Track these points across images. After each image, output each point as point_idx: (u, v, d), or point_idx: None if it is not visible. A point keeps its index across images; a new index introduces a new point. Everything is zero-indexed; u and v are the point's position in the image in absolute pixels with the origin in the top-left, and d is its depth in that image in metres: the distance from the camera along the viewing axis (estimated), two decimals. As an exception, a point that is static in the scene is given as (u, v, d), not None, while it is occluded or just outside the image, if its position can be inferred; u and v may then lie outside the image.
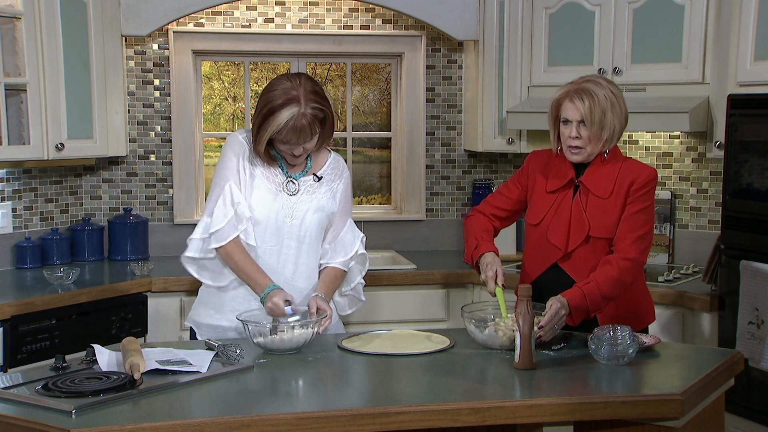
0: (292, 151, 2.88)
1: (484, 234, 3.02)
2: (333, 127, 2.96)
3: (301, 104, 2.80)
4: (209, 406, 2.27)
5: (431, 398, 2.30)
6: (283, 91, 2.81)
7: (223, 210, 2.89)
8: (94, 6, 4.14)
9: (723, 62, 3.76)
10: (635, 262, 2.85)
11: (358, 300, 3.18)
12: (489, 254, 2.94)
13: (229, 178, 2.91)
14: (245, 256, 2.90)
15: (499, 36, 4.46)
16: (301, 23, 4.67)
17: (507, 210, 3.10)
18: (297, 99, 2.80)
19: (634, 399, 2.31)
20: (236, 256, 2.89)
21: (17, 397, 2.28)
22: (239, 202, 2.89)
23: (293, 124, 2.80)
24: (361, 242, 3.11)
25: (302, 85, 2.83)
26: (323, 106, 2.86)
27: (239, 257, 2.89)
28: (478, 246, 2.98)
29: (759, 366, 3.34)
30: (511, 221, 3.17)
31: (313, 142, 2.89)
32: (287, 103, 2.80)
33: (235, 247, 2.89)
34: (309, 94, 2.82)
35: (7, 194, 4.21)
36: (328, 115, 2.89)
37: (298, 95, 2.80)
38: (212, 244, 2.90)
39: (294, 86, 2.82)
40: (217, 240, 2.89)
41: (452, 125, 4.86)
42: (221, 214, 2.89)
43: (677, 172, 4.39)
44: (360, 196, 4.96)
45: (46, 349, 3.58)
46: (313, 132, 2.85)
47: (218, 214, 2.89)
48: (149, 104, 4.60)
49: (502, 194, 3.12)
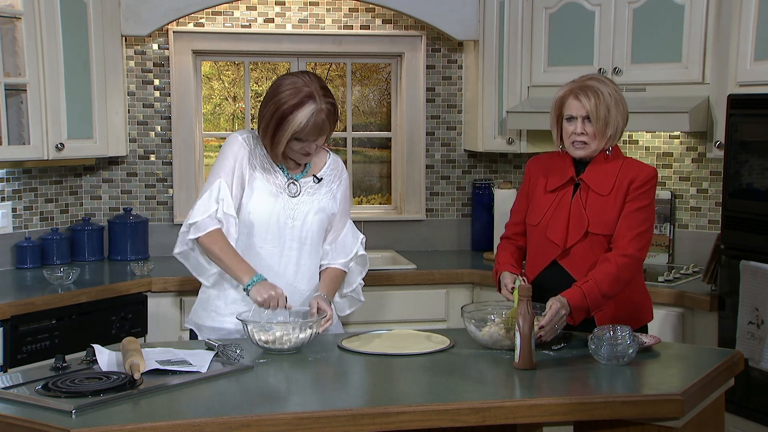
0: (308, 149, 2.87)
1: (502, 257, 3.07)
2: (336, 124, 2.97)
3: (317, 100, 2.80)
4: (209, 406, 2.26)
5: (431, 398, 2.30)
6: (296, 90, 2.80)
7: (206, 203, 2.88)
8: (94, 6, 4.14)
9: (723, 62, 3.76)
10: (633, 258, 2.85)
11: (357, 301, 3.18)
12: (505, 273, 3.00)
13: (220, 175, 2.91)
14: (226, 246, 2.87)
15: (499, 36, 4.46)
16: (301, 23, 4.67)
17: (524, 223, 3.11)
18: (312, 95, 2.80)
19: (634, 399, 2.31)
20: (216, 246, 2.85)
21: (17, 397, 2.28)
22: (224, 199, 2.88)
23: (314, 121, 2.79)
24: (361, 243, 3.11)
25: (312, 81, 2.84)
26: (334, 101, 2.88)
27: (220, 247, 2.86)
28: (497, 270, 3.05)
29: (759, 366, 3.34)
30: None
31: (321, 140, 2.90)
32: (305, 101, 2.79)
33: (215, 237, 2.86)
34: (321, 89, 2.84)
35: (7, 194, 4.21)
36: (337, 110, 2.90)
37: (313, 91, 2.80)
38: (190, 235, 2.89)
39: (305, 83, 2.82)
40: (196, 231, 2.87)
41: (452, 125, 4.86)
42: (203, 207, 2.88)
43: (677, 172, 4.39)
44: (360, 196, 4.96)
45: (46, 349, 3.58)
46: (328, 127, 2.86)
47: (200, 207, 2.89)
48: (149, 104, 4.60)
49: (515, 211, 3.14)
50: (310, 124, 2.79)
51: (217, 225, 2.88)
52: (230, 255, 2.86)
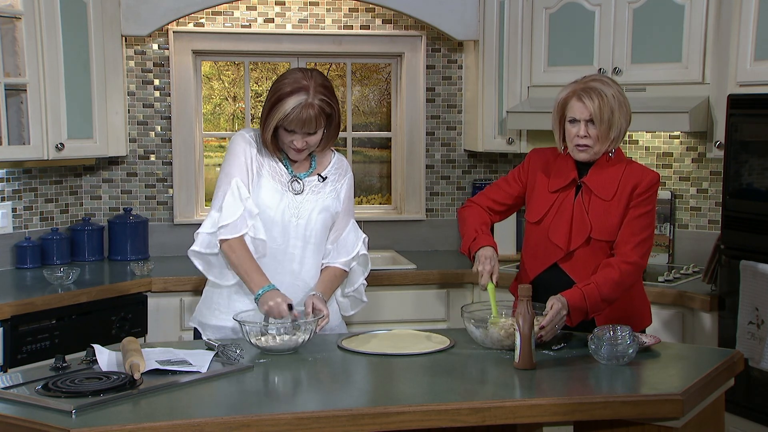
0: (295, 143, 2.88)
1: (482, 226, 3.01)
2: (339, 127, 2.97)
3: (309, 94, 2.83)
4: (209, 406, 2.27)
5: (431, 398, 2.30)
6: (294, 80, 2.86)
7: (234, 204, 2.89)
8: (94, 6, 4.14)
9: (723, 62, 3.76)
10: (636, 266, 2.85)
11: (360, 301, 3.18)
12: (488, 248, 2.93)
13: (235, 174, 2.92)
14: (247, 253, 2.89)
15: (499, 36, 4.46)
16: (301, 23, 4.67)
17: (504, 204, 3.09)
18: (306, 89, 2.83)
19: (634, 399, 2.31)
20: (238, 252, 2.88)
21: (17, 397, 2.28)
22: (247, 197, 2.90)
23: (299, 113, 2.82)
24: (363, 243, 3.11)
25: (313, 78, 2.87)
26: (331, 100, 2.88)
27: (241, 253, 2.88)
28: (476, 238, 2.96)
29: (759, 366, 3.34)
30: (505, 216, 3.16)
31: (317, 137, 2.90)
32: (295, 92, 2.83)
33: (239, 242, 2.89)
34: (318, 86, 2.86)
35: (7, 194, 4.21)
36: (335, 111, 2.91)
37: (308, 86, 2.84)
38: (222, 236, 2.88)
39: (305, 77, 2.86)
40: (229, 232, 2.87)
41: (452, 125, 4.86)
42: (233, 208, 2.89)
43: (677, 172, 4.39)
44: (360, 196, 4.96)
45: (46, 349, 3.58)
46: (318, 124, 2.86)
47: (229, 208, 2.89)
48: (149, 104, 4.60)
49: (500, 188, 3.10)
50: (294, 114, 2.82)
51: (246, 227, 2.89)
52: (247, 263, 2.88)
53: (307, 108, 2.82)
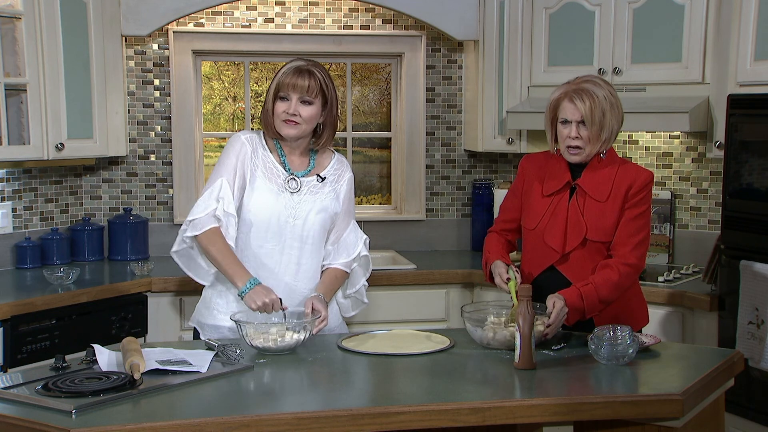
0: (290, 110, 2.89)
1: (493, 248, 3.05)
2: (336, 119, 2.99)
3: (305, 62, 2.95)
4: (209, 406, 2.27)
5: (431, 398, 2.30)
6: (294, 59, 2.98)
7: (206, 201, 2.90)
8: (94, 6, 4.14)
9: (723, 62, 3.76)
10: (635, 268, 2.86)
11: (361, 302, 3.18)
12: (498, 261, 2.97)
13: (222, 174, 2.92)
14: (224, 248, 2.87)
15: (499, 36, 4.46)
16: (301, 23, 4.67)
17: (515, 221, 3.10)
18: (303, 60, 2.96)
19: (634, 399, 2.31)
20: (214, 247, 2.86)
21: (17, 397, 2.28)
22: (224, 197, 2.89)
23: (296, 66, 2.91)
24: (364, 244, 3.10)
25: (311, 61, 2.97)
26: (327, 79, 2.95)
27: (217, 248, 2.86)
28: (487, 260, 3.02)
29: (759, 366, 3.34)
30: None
31: (311, 111, 2.91)
32: (294, 61, 2.96)
33: (213, 237, 2.87)
34: (317, 65, 2.96)
35: (7, 194, 4.21)
36: (332, 93, 2.96)
37: (305, 60, 2.96)
38: (188, 233, 2.89)
39: (305, 60, 2.97)
40: (193, 228, 2.88)
41: (452, 125, 4.86)
42: (203, 205, 2.90)
43: (677, 172, 4.39)
44: (360, 196, 4.96)
45: (46, 349, 3.58)
46: (312, 92, 2.89)
47: (200, 204, 2.90)
48: (149, 104, 4.60)
49: (506, 208, 3.13)
50: (290, 74, 2.88)
51: (216, 223, 2.88)
52: (227, 257, 2.87)
53: (303, 73, 2.89)
